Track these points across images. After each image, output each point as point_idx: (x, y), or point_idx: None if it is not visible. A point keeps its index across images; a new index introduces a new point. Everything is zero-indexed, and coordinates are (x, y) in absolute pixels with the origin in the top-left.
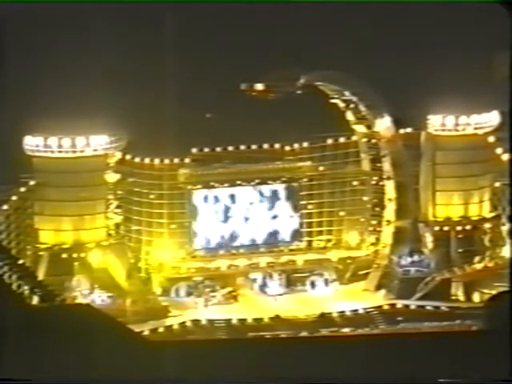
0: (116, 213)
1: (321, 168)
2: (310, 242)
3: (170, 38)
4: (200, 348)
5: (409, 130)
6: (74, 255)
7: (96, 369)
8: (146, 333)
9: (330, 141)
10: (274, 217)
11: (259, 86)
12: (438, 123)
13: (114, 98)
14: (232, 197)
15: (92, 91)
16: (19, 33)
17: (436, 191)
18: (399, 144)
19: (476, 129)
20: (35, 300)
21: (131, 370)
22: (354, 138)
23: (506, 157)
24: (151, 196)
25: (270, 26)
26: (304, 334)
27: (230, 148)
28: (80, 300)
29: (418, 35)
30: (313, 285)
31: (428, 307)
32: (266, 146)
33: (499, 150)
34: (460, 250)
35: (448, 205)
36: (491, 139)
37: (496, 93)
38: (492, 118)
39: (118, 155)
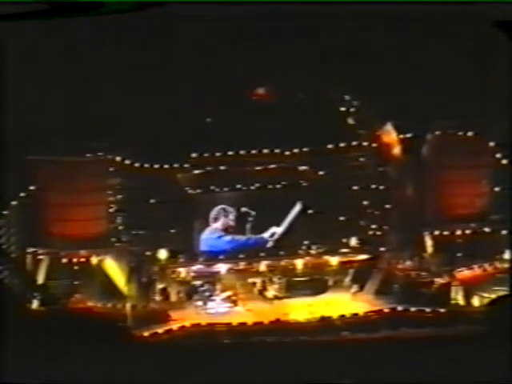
0: (116, 217)
1: (321, 172)
2: (309, 246)
3: (169, 41)
4: (200, 352)
5: (410, 134)
6: (74, 259)
7: (96, 372)
8: (146, 336)
9: (330, 145)
10: (274, 221)
11: (260, 90)
12: (439, 127)
13: (114, 103)
14: (226, 211)
15: (93, 96)
16: (21, 39)
17: (436, 195)
18: (400, 148)
19: (477, 133)
20: (35, 304)
21: (131, 374)
22: (355, 142)
23: (506, 161)
24: (151, 200)
25: (271, 28)
26: (304, 337)
27: (230, 152)
28: (81, 304)
29: (419, 37)
30: (312, 288)
31: (428, 311)
32: (265, 150)
33: (499, 155)
34: (460, 254)
35: (448, 209)
36: (492, 144)
37: (497, 97)
38: (493, 123)
39: (119, 160)
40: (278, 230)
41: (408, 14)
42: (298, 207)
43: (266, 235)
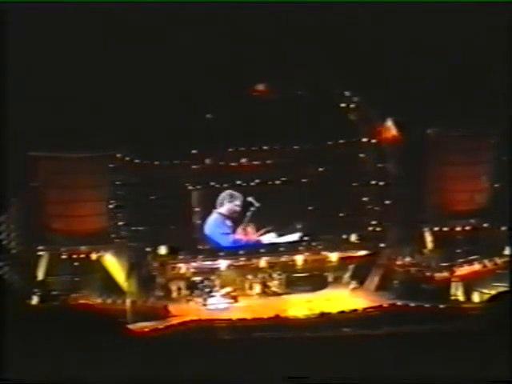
0: (116, 213)
1: (321, 169)
2: (309, 242)
3: (169, 38)
4: (199, 348)
5: (410, 130)
6: (74, 255)
7: (95, 369)
8: (146, 332)
9: (330, 141)
10: (274, 217)
11: (260, 86)
12: (440, 124)
13: (115, 100)
14: (232, 197)
15: (94, 93)
16: (22, 34)
17: (436, 191)
18: (400, 144)
19: (477, 130)
20: (35, 300)
21: (131, 370)
22: (355, 138)
23: (506, 158)
24: (152, 197)
25: (271, 25)
26: (304, 333)
27: (230, 149)
28: (80, 300)
29: (421, 36)
30: (312, 284)
31: (427, 307)
32: (265, 146)
33: (500, 151)
34: (459, 250)
35: (448, 205)
36: (492, 140)
37: (497, 94)
38: (494, 120)
39: (119, 156)
40: (275, 240)
41: (408, 11)
42: (296, 236)
43: (264, 239)
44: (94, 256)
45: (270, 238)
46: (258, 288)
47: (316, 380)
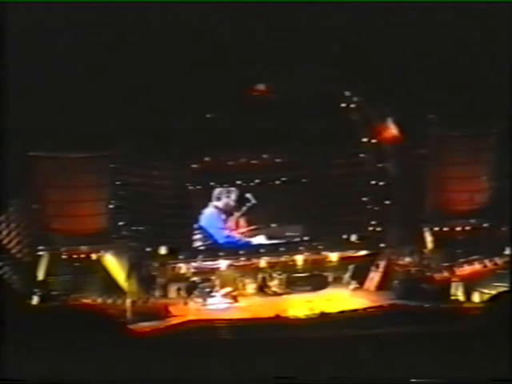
0: (117, 214)
1: (321, 169)
2: (310, 242)
3: (170, 38)
4: (200, 348)
5: (411, 130)
6: (75, 256)
7: (95, 369)
8: (146, 332)
9: (330, 141)
10: (274, 216)
11: (260, 86)
12: (440, 124)
13: (117, 100)
14: (229, 192)
15: (93, 93)
16: (21, 34)
17: (437, 191)
18: (401, 144)
19: (478, 130)
20: (35, 300)
21: (131, 370)
22: (355, 138)
23: (506, 158)
24: (152, 197)
25: (272, 25)
26: (304, 333)
27: (230, 149)
28: (81, 300)
29: (421, 35)
30: (312, 284)
31: (428, 307)
32: (265, 146)
33: (500, 151)
34: (460, 250)
35: (448, 205)
36: (492, 140)
37: (499, 95)
38: (494, 120)
39: (119, 156)
40: (265, 242)
41: (408, 11)
42: (295, 240)
43: (254, 240)
44: (94, 256)
45: (260, 239)
46: (257, 288)
47: (316, 380)
